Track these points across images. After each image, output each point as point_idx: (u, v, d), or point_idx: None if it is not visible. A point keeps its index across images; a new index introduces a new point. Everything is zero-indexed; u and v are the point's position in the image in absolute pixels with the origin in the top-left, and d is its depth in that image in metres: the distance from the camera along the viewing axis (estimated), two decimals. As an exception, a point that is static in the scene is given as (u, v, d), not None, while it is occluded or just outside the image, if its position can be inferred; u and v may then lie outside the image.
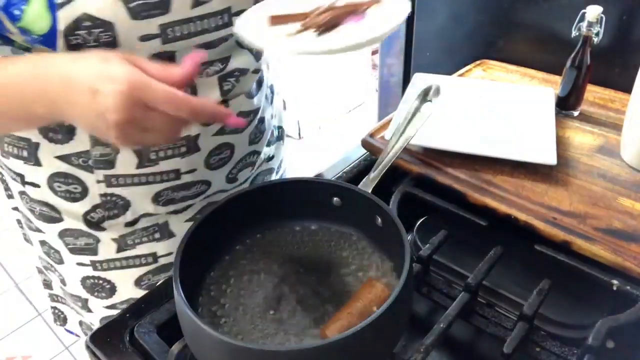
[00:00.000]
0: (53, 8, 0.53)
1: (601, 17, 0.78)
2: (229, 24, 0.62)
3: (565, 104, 0.85)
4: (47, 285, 0.89)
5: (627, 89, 0.76)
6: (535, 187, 0.70)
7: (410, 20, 1.18)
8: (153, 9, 0.56)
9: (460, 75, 0.99)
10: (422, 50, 1.20)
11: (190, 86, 0.64)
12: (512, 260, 0.65)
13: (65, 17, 0.53)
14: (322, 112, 2.91)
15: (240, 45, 0.68)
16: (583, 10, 0.79)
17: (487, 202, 0.67)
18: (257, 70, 0.73)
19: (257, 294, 0.57)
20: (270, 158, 0.87)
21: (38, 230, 0.77)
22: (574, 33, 0.80)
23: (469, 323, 0.59)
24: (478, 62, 1.04)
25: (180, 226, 0.76)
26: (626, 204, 0.67)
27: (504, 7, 1.02)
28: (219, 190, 0.77)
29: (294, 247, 0.62)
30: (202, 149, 0.70)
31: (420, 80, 0.89)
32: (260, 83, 0.77)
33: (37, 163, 0.69)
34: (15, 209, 0.81)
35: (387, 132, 0.78)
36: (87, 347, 0.59)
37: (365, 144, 0.79)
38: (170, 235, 0.76)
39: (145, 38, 0.57)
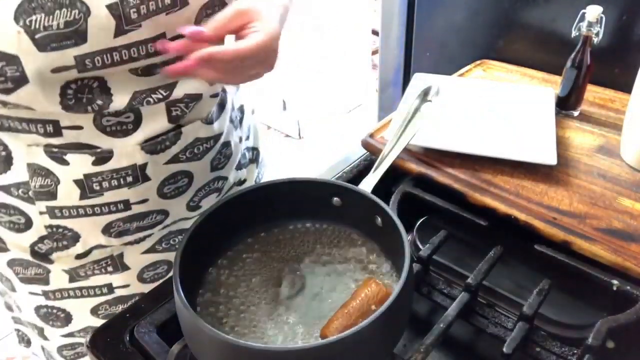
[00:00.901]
0: None
1: (601, 17, 0.78)
2: (164, 50, 0.55)
3: (565, 104, 0.85)
4: (9, 307, 0.85)
5: (627, 89, 0.76)
6: (535, 187, 0.70)
7: (410, 20, 1.18)
8: (64, 39, 0.50)
9: (460, 75, 0.99)
10: (422, 50, 1.20)
11: (133, 111, 0.61)
12: (512, 260, 0.65)
13: None
14: (322, 112, 2.92)
15: None
16: (583, 10, 0.79)
17: (487, 202, 0.67)
18: (215, 95, 0.68)
19: (257, 293, 0.57)
20: (241, 182, 0.82)
21: None
22: (574, 33, 0.80)
23: (469, 323, 0.59)
24: (478, 62, 1.04)
25: (137, 258, 0.73)
26: (626, 204, 0.67)
27: (504, 7, 1.02)
28: (180, 219, 0.73)
29: (293, 247, 0.62)
30: (152, 179, 0.66)
31: (420, 80, 0.89)
32: (222, 106, 0.71)
33: None
34: None
35: (387, 132, 0.78)
36: (87, 347, 0.59)
37: (365, 144, 0.79)
38: (125, 268, 0.73)
39: (58, 70, 0.52)
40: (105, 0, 0.51)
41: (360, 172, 0.79)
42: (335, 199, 0.61)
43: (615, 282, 0.58)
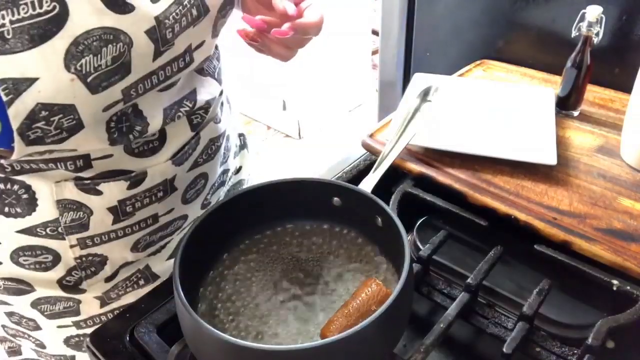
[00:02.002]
0: (2, 111, 0.45)
1: (601, 17, 0.78)
2: (191, 61, 0.57)
3: (565, 104, 0.85)
4: (14, 352, 0.80)
5: (627, 89, 0.76)
6: (535, 187, 0.70)
7: (410, 20, 1.18)
8: (112, 75, 0.50)
9: (460, 75, 0.99)
10: (422, 50, 1.20)
11: (159, 131, 0.61)
12: (512, 260, 0.65)
13: (16, 114, 0.46)
14: (322, 112, 2.91)
15: (200, 72, 0.64)
16: (583, 10, 0.79)
17: (487, 202, 0.67)
18: (221, 93, 0.70)
19: (257, 293, 0.57)
20: (238, 170, 0.84)
21: (4, 303, 0.70)
22: (574, 33, 0.80)
23: (469, 323, 0.59)
24: (478, 62, 1.04)
25: (163, 265, 0.73)
26: (626, 204, 0.67)
27: (504, 7, 1.02)
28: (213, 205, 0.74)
29: (293, 247, 0.62)
30: (178, 188, 0.67)
31: (420, 80, 0.89)
32: (222, 102, 0.73)
33: None
34: None
35: (387, 132, 0.78)
36: (87, 347, 0.59)
37: (365, 144, 0.79)
38: (155, 277, 0.73)
39: (108, 107, 0.52)
40: (144, 26, 0.50)
41: (360, 172, 0.79)
42: (335, 199, 0.61)
43: (615, 282, 0.58)
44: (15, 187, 0.58)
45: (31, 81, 0.45)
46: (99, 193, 0.60)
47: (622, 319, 0.55)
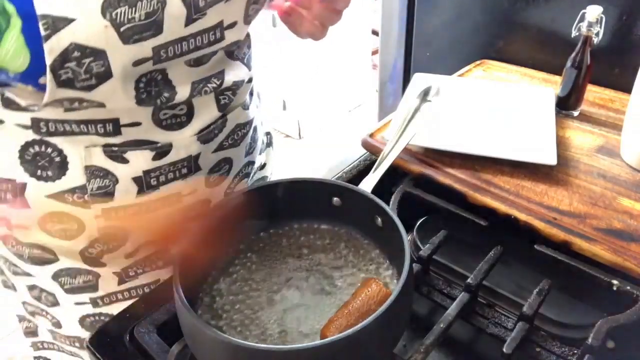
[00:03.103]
0: (33, 42, 0.48)
1: (601, 17, 0.78)
2: (221, 38, 0.59)
3: (565, 104, 0.85)
4: (31, 332, 0.83)
5: (627, 89, 0.76)
6: (535, 187, 0.70)
7: (410, 20, 1.18)
8: (145, 30, 0.52)
9: (460, 75, 0.99)
10: (422, 50, 1.20)
11: (186, 104, 0.63)
12: (512, 260, 0.65)
13: (51, 49, 0.48)
14: (322, 112, 2.92)
15: (230, 56, 0.66)
16: (583, 10, 0.79)
17: (487, 202, 0.67)
18: (250, 80, 0.72)
19: (257, 293, 0.57)
20: (262, 166, 0.85)
21: (26, 274, 0.73)
22: (574, 33, 0.80)
23: (469, 323, 0.59)
24: (478, 62, 1.04)
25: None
26: (626, 204, 0.67)
27: (504, 7, 1.02)
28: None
29: (293, 247, 0.62)
30: (202, 168, 0.68)
31: (420, 80, 0.89)
32: (251, 92, 0.75)
33: (25, 205, 0.64)
34: None
35: (387, 132, 0.78)
36: (87, 347, 0.59)
37: (365, 144, 0.79)
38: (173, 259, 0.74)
39: (137, 62, 0.54)
40: None
41: (360, 172, 0.79)
42: (335, 199, 0.61)
43: (615, 282, 0.58)
44: (49, 149, 0.60)
45: (69, 21, 0.48)
46: (126, 161, 0.62)
47: (622, 319, 0.55)
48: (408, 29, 1.19)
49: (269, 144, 0.89)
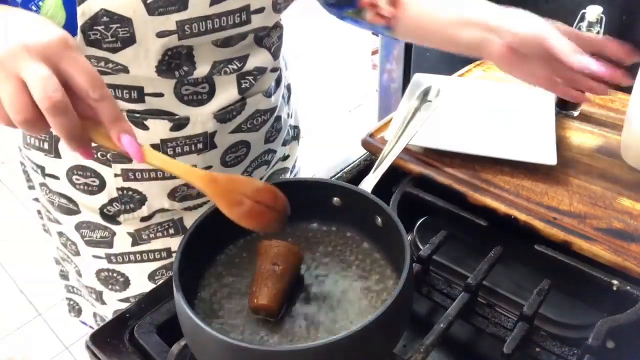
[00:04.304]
0: (69, 4, 0.54)
1: (601, 17, 0.78)
2: (247, 21, 0.62)
3: (565, 104, 0.85)
4: (64, 276, 0.91)
5: (627, 89, 0.76)
6: (535, 187, 0.70)
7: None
8: (170, 5, 0.56)
9: (460, 75, 0.99)
10: (422, 50, 1.20)
11: (208, 82, 0.66)
12: (512, 260, 0.65)
13: (83, 13, 0.54)
14: (322, 112, 2.91)
15: (258, 43, 0.68)
16: (583, 10, 0.79)
17: (487, 202, 0.67)
18: (275, 69, 0.74)
19: (257, 294, 0.57)
20: (285, 157, 0.88)
21: (56, 221, 0.79)
22: (574, 33, 0.80)
23: (469, 323, 0.59)
24: (478, 62, 1.04)
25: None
26: (626, 204, 0.67)
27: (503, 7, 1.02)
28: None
29: (294, 247, 0.62)
30: (218, 147, 0.71)
31: (420, 80, 0.89)
32: (278, 82, 0.77)
33: (57, 155, 0.70)
34: (36, 199, 0.84)
35: (387, 132, 0.78)
36: (87, 347, 0.59)
37: (365, 144, 0.79)
38: (185, 231, 0.76)
39: (162, 34, 0.58)
40: None
41: (360, 172, 0.79)
42: (335, 199, 0.61)
43: (615, 282, 0.58)
44: None
45: None
46: (146, 128, 0.66)
47: (622, 319, 0.55)
48: (408, 29, 1.19)
49: (295, 138, 0.91)
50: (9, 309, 1.90)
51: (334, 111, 2.97)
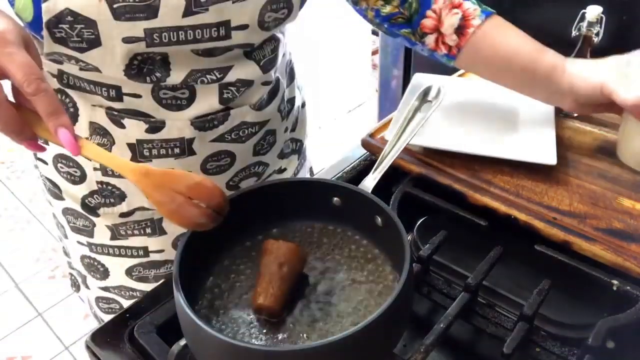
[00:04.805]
0: (37, 1, 0.54)
1: (601, 17, 0.78)
2: (227, 36, 0.60)
3: (565, 104, 0.85)
4: (66, 253, 0.92)
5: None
6: (535, 187, 0.70)
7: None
8: (138, 12, 0.55)
9: (460, 75, 0.99)
10: (422, 50, 1.20)
11: (188, 89, 0.65)
12: (512, 260, 0.65)
13: (48, 9, 0.54)
14: (322, 112, 2.91)
15: (247, 55, 0.66)
16: (583, 10, 0.79)
17: (487, 202, 0.67)
18: (267, 83, 0.72)
19: (257, 294, 0.57)
20: (282, 170, 0.85)
21: (49, 203, 0.82)
22: (574, 33, 0.80)
23: (469, 323, 0.59)
24: (478, 62, 1.04)
25: (172, 225, 0.75)
26: (626, 204, 0.67)
27: (504, 7, 1.02)
28: None
29: (294, 247, 0.62)
30: (197, 153, 0.69)
31: (420, 80, 0.89)
32: (273, 95, 0.75)
33: (46, 142, 0.70)
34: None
35: (387, 132, 0.78)
36: (87, 347, 0.59)
37: (365, 144, 0.79)
38: (162, 232, 0.77)
39: (128, 40, 0.57)
40: None
41: (360, 172, 0.79)
42: (335, 199, 0.61)
43: (615, 282, 0.58)
44: (67, 100, 0.67)
45: None
46: (123, 126, 0.67)
47: (622, 319, 0.55)
48: (408, 29, 1.19)
49: (296, 152, 0.88)
50: (9, 309, 1.90)
51: (333, 111, 2.97)
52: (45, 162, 0.75)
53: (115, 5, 0.55)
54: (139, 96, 0.64)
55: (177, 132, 0.67)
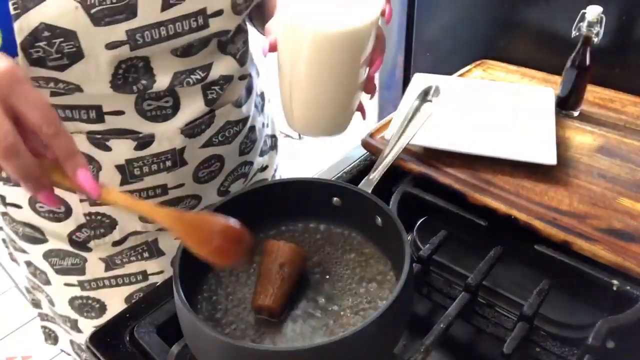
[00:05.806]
0: (3, 20, 0.49)
1: (601, 17, 0.78)
2: (205, 25, 0.58)
3: (565, 104, 0.85)
4: (36, 304, 0.87)
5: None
6: (535, 187, 0.70)
7: (410, 20, 1.18)
8: (117, 13, 0.52)
9: (460, 75, 0.99)
10: (422, 50, 1.20)
11: (172, 96, 0.63)
12: (512, 260, 0.65)
13: (21, 28, 0.50)
14: (322, 112, 2.91)
15: (222, 50, 0.65)
16: (583, 10, 0.79)
17: (487, 202, 0.67)
18: (243, 77, 0.70)
19: (257, 294, 0.57)
20: (263, 168, 0.85)
21: (23, 250, 0.75)
22: (574, 33, 0.80)
23: (469, 323, 0.59)
24: (478, 62, 1.04)
25: (170, 243, 0.74)
26: (626, 204, 0.67)
27: (504, 7, 1.02)
28: (211, 204, 0.73)
29: (294, 247, 0.62)
30: (189, 163, 0.68)
31: (420, 80, 0.89)
32: (249, 90, 0.74)
33: (17, 184, 0.63)
34: (0, 228, 0.79)
35: (387, 132, 0.78)
36: (87, 347, 0.59)
37: (365, 144, 0.79)
38: (160, 253, 0.74)
39: (111, 46, 0.54)
40: None
41: (360, 172, 0.79)
42: (335, 199, 0.61)
43: (615, 282, 0.58)
44: None
45: (38, 1, 0.50)
46: (108, 149, 0.63)
47: (622, 319, 0.55)
48: (408, 29, 1.19)
49: (273, 147, 0.88)
50: (9, 309, 1.90)
51: (334, 111, 2.96)
52: (18, 207, 0.69)
53: (92, 11, 0.51)
54: (121, 113, 0.61)
55: (168, 144, 0.64)
